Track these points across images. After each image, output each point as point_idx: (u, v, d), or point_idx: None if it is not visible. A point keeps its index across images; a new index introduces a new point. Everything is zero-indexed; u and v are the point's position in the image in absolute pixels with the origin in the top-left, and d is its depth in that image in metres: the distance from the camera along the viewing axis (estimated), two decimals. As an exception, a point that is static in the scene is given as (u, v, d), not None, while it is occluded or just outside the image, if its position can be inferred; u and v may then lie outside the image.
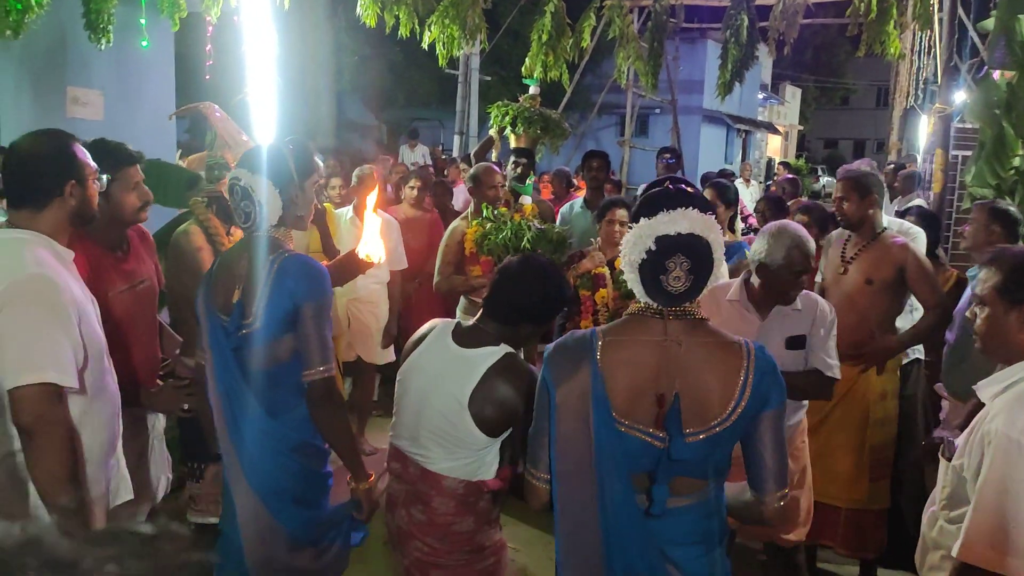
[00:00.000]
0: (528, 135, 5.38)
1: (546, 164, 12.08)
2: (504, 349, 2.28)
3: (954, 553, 1.82)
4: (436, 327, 2.41)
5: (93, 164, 2.28)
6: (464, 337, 2.32)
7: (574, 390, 1.82)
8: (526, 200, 4.91)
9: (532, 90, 5.74)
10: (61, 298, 2.07)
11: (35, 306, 2.03)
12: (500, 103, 5.52)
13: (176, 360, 3.37)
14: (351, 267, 2.85)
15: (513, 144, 5.46)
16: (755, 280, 3.05)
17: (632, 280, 1.82)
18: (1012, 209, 3.73)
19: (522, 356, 2.40)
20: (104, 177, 2.35)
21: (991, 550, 1.75)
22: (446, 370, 2.28)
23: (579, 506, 1.84)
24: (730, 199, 4.55)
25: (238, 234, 3.47)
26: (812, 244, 3.03)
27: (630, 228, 1.84)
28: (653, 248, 1.76)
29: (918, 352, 4.10)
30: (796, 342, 3.08)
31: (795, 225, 3.10)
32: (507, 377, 2.21)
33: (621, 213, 4.08)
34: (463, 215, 4.66)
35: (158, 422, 3.04)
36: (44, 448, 2.00)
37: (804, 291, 3.13)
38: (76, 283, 2.20)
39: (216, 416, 2.48)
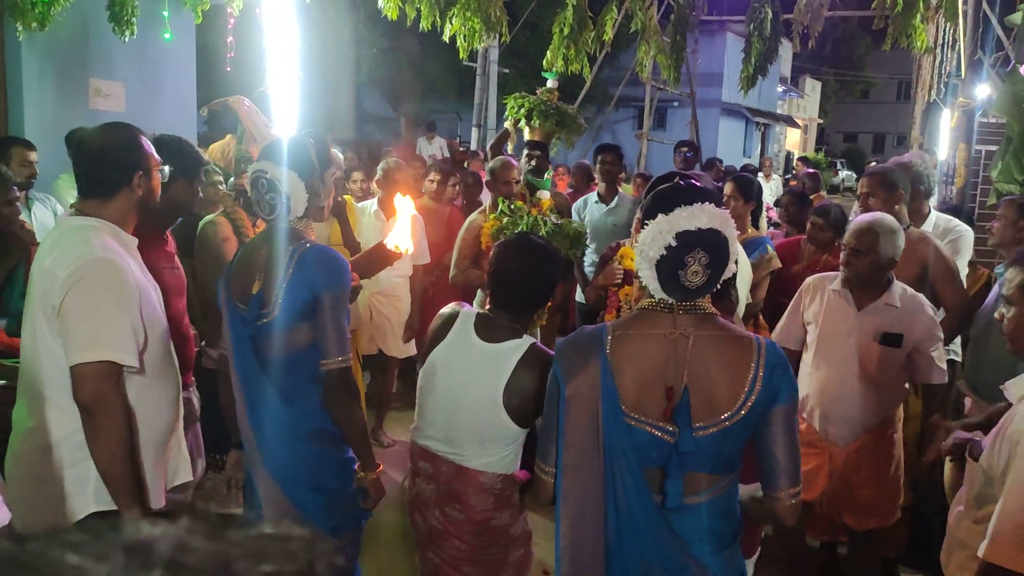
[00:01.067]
0: (543, 128, 5.36)
1: (561, 158, 12.06)
2: (528, 341, 2.31)
3: (980, 553, 1.80)
4: (456, 318, 2.40)
5: (157, 156, 2.38)
6: (486, 331, 2.34)
7: (584, 384, 1.82)
8: (544, 195, 4.90)
9: (550, 83, 5.72)
10: (124, 280, 2.15)
11: (99, 287, 2.11)
12: (517, 95, 5.51)
13: (202, 351, 3.40)
14: (379, 258, 2.87)
15: (528, 137, 5.45)
16: None
17: (648, 276, 1.81)
18: None
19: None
20: (166, 168, 2.43)
21: (1018, 551, 1.73)
22: (475, 368, 2.29)
23: (584, 499, 1.85)
24: (752, 194, 4.51)
25: (262, 228, 3.50)
26: (862, 224, 3.13)
27: (645, 224, 1.83)
28: (673, 244, 1.75)
29: (954, 354, 4.06)
30: (891, 339, 3.08)
31: (872, 215, 3.22)
32: (536, 368, 2.23)
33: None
34: (481, 209, 4.67)
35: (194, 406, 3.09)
36: (101, 426, 2.08)
37: (911, 292, 3.15)
38: (139, 268, 2.30)
39: (237, 404, 2.53)
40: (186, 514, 0.51)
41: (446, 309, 2.47)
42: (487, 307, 2.40)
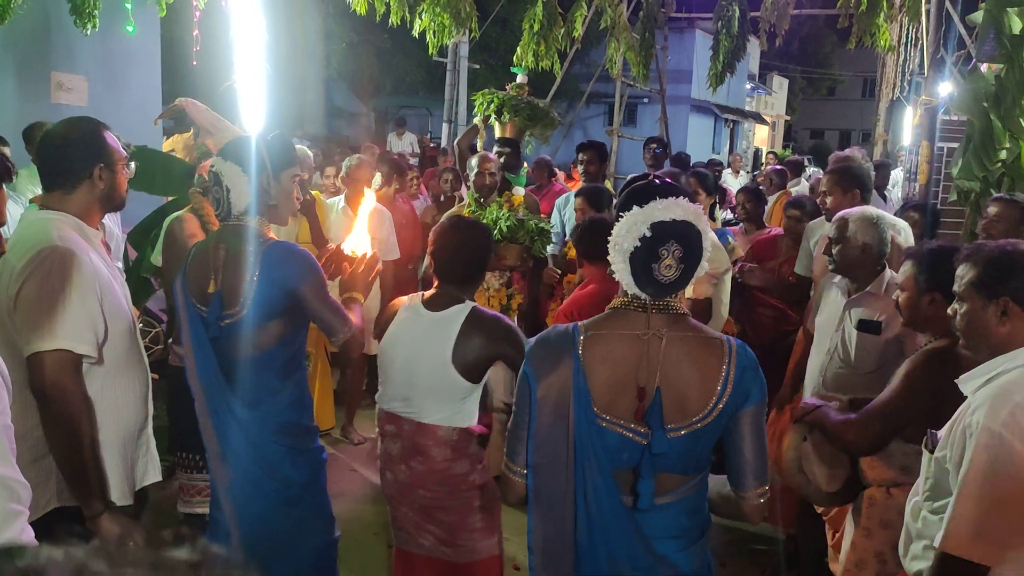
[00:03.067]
0: (514, 124, 5.35)
1: (535, 154, 12.06)
2: (470, 304, 2.58)
3: (936, 544, 1.84)
4: (404, 304, 2.68)
5: (123, 151, 2.37)
6: (433, 303, 2.60)
7: (555, 384, 1.80)
8: (518, 191, 4.91)
9: (520, 78, 5.70)
10: (81, 270, 2.14)
11: (55, 276, 2.10)
12: (486, 91, 5.49)
13: (169, 348, 3.37)
14: (336, 264, 2.87)
15: (498, 134, 5.43)
16: None
17: (622, 271, 1.80)
18: None
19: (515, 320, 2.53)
20: (132, 164, 2.44)
21: (973, 541, 1.77)
22: (426, 334, 2.55)
23: (553, 499, 1.84)
24: (711, 188, 4.63)
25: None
26: (840, 215, 3.30)
27: (620, 217, 1.82)
28: (648, 235, 1.74)
29: None
30: (868, 326, 3.13)
31: (854, 209, 3.37)
32: (479, 327, 2.52)
33: (577, 202, 4.29)
34: (461, 204, 4.68)
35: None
36: (58, 416, 2.07)
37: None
38: (102, 262, 2.29)
39: (199, 405, 2.49)
40: (173, 561, 0.51)
41: (394, 306, 2.74)
42: (435, 286, 2.66)
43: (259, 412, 2.44)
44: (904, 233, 4.13)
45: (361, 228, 2.90)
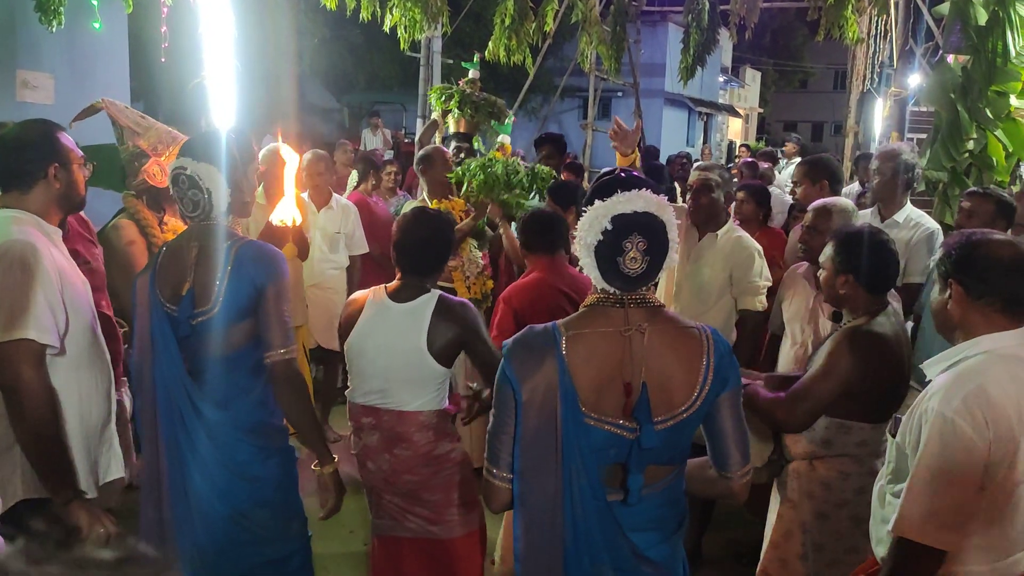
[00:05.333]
0: (467, 120, 5.33)
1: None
2: (436, 293, 2.65)
3: (890, 527, 1.88)
4: (367, 298, 2.69)
5: (79, 151, 2.41)
6: (399, 295, 2.65)
7: (540, 386, 1.78)
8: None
9: (472, 74, 5.67)
10: (41, 262, 2.17)
11: (14, 268, 2.13)
12: (441, 85, 5.48)
13: (125, 354, 3.33)
14: (272, 240, 2.89)
15: (452, 129, 5.40)
16: None
17: (588, 265, 1.81)
18: (1010, 200, 3.60)
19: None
20: (90, 165, 2.46)
21: (924, 525, 1.81)
22: (397, 326, 2.60)
23: (543, 502, 1.81)
24: (663, 180, 4.74)
25: (172, 224, 3.44)
26: (818, 204, 3.36)
27: (584, 212, 1.83)
28: (609, 228, 1.75)
29: None
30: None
31: (833, 200, 3.42)
32: (449, 314, 2.60)
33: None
34: (419, 198, 4.67)
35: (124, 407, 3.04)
36: (23, 406, 2.10)
37: None
38: (64, 258, 2.34)
39: (148, 408, 2.44)
40: (96, 561, 0.51)
41: (354, 301, 2.75)
42: (397, 277, 2.69)
43: (230, 412, 2.42)
44: (932, 237, 3.81)
45: (289, 200, 2.98)
